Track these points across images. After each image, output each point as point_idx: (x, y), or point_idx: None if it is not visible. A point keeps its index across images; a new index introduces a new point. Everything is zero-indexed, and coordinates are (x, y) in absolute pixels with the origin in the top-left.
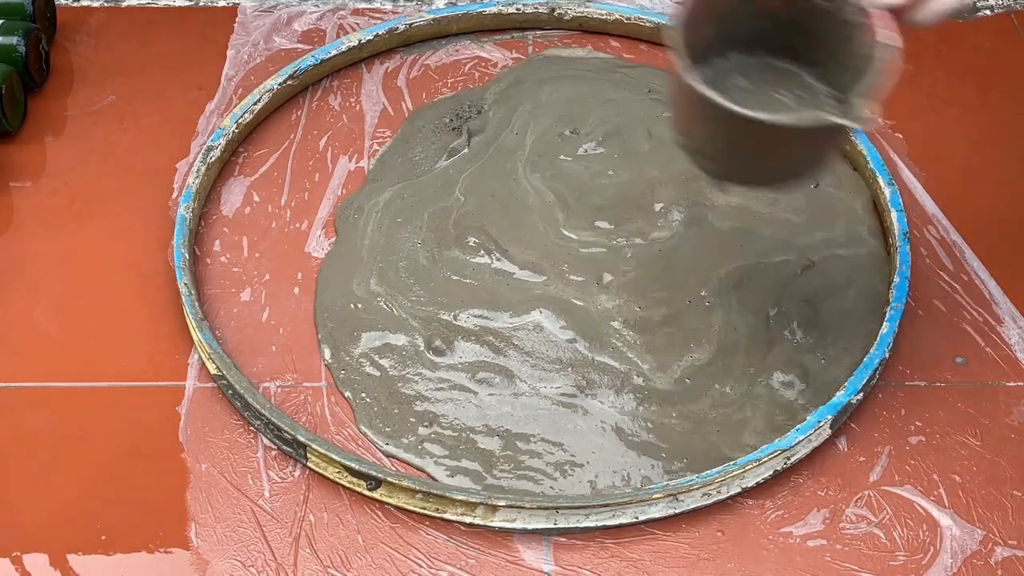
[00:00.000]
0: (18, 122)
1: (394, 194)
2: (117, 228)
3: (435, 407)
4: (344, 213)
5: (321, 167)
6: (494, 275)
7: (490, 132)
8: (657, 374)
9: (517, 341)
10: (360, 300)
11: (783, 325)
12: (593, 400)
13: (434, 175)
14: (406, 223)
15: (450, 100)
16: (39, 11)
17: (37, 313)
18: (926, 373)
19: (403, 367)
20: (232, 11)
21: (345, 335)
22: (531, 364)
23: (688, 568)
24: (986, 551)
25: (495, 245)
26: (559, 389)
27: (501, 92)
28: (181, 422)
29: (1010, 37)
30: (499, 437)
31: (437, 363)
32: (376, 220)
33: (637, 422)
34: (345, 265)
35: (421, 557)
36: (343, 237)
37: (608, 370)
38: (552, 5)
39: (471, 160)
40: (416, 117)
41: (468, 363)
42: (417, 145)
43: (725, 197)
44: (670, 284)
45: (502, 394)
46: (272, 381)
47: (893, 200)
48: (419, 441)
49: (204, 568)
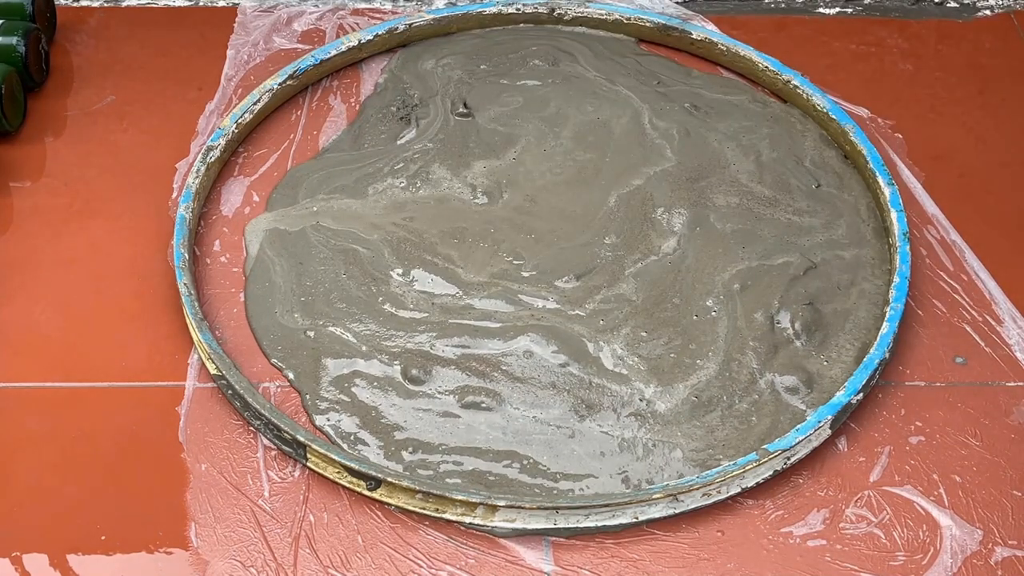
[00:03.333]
0: (18, 122)
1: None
2: (117, 228)
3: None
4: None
5: None
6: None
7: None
8: (664, 396)
9: (506, 367)
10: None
11: (787, 329)
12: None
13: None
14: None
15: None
16: (39, 11)
17: (37, 313)
18: (926, 373)
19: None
20: (232, 11)
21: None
22: (523, 390)
23: (688, 568)
24: (986, 551)
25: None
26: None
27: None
28: (181, 422)
29: (1010, 37)
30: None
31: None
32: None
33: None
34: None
35: (421, 557)
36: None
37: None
38: (552, 5)
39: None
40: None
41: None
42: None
43: (725, 198)
44: (675, 303)
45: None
46: (272, 381)
47: (893, 200)
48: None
49: (204, 568)
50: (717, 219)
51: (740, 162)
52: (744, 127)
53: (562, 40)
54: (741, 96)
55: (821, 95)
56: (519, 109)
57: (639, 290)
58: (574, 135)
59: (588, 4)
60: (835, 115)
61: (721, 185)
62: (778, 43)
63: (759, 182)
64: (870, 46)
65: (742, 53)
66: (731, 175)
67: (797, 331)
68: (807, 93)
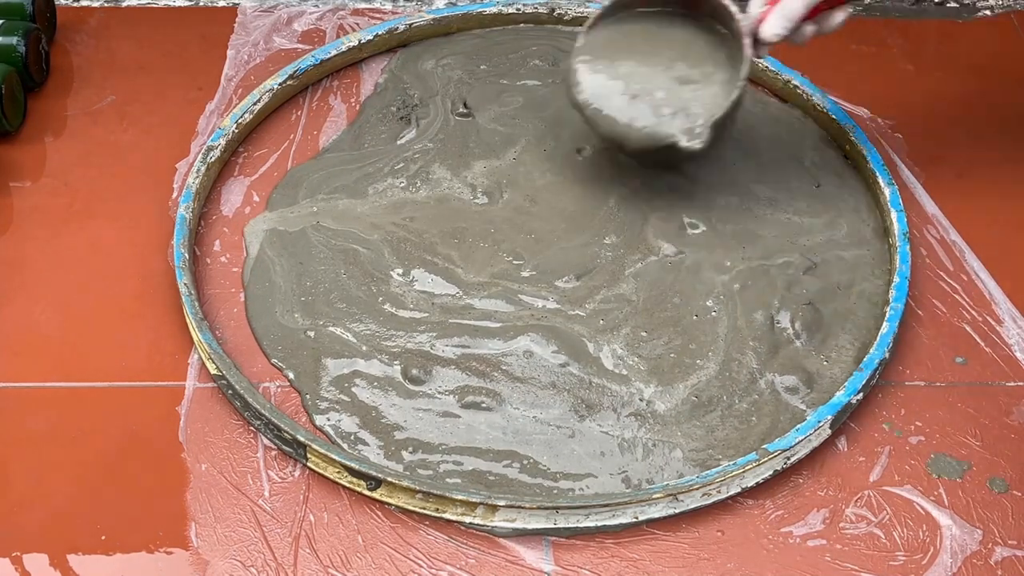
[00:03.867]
0: (18, 122)
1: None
2: (117, 228)
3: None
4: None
5: None
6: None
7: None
8: (664, 396)
9: (506, 367)
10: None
11: (787, 329)
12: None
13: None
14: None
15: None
16: (39, 11)
17: (37, 313)
18: (926, 373)
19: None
20: (232, 11)
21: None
22: (523, 390)
23: (688, 568)
24: (986, 551)
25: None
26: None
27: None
28: (181, 422)
29: (1010, 37)
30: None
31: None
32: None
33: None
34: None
35: (421, 557)
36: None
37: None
38: (552, 5)
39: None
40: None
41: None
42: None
43: (725, 198)
44: (675, 303)
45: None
46: (272, 381)
47: (893, 200)
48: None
49: (204, 568)
50: (718, 219)
51: (740, 162)
52: (744, 127)
53: (562, 40)
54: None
55: (821, 95)
56: (519, 109)
57: (639, 290)
58: (573, 135)
59: (588, 4)
60: (835, 115)
61: (721, 185)
62: (778, 43)
63: (759, 182)
64: (870, 46)
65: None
66: (731, 175)
67: (797, 331)
68: (807, 93)
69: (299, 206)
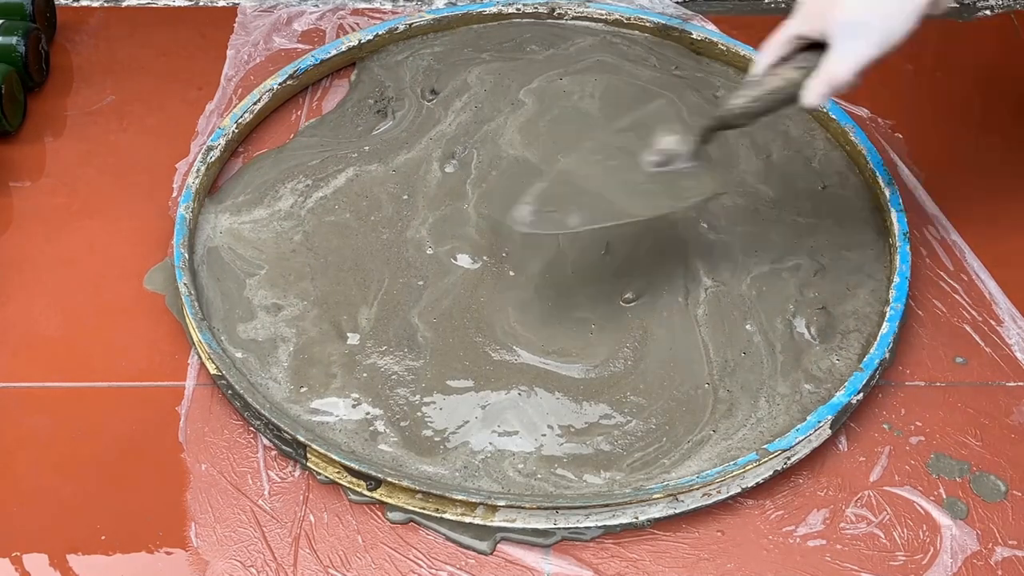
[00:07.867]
0: (18, 122)
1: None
2: (117, 228)
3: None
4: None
5: None
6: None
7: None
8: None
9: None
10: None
11: (804, 334)
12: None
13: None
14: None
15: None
16: (39, 11)
17: (37, 313)
18: (926, 373)
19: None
20: (232, 11)
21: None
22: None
23: (688, 568)
24: (986, 551)
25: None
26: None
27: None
28: (181, 422)
29: (1010, 37)
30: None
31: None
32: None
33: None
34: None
35: (421, 557)
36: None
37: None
38: (552, 5)
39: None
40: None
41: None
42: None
43: (732, 199)
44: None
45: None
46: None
47: (893, 200)
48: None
49: (204, 568)
50: (727, 222)
51: (749, 161)
52: (761, 123)
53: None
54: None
55: None
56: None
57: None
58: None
59: (588, 4)
60: (835, 115)
61: (728, 185)
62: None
63: (764, 182)
64: None
65: (742, 53)
66: (738, 175)
67: (813, 335)
68: None
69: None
